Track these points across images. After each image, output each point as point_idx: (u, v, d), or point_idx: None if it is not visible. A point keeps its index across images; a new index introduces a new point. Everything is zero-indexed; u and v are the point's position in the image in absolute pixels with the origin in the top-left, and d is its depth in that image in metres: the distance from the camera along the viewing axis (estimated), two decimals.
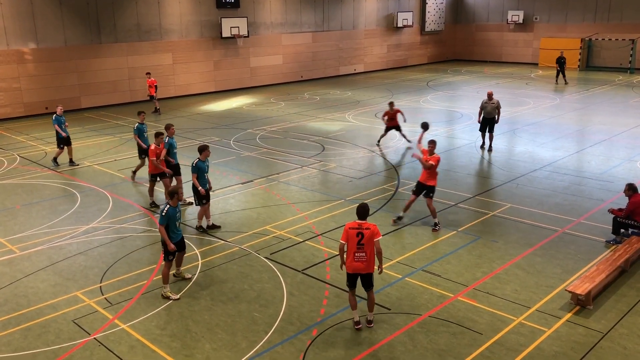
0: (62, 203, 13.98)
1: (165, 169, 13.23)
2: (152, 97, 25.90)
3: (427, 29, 44.36)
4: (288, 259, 10.65)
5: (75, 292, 9.56)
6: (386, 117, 18.78)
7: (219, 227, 12.19)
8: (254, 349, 7.87)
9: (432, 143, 12.12)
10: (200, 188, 11.63)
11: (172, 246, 9.13)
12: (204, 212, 12.02)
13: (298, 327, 8.41)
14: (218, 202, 13.74)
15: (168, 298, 9.22)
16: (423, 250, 11.00)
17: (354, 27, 39.07)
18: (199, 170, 11.72)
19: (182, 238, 9.63)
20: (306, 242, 11.41)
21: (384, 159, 17.54)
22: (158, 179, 13.42)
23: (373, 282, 8.22)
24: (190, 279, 9.93)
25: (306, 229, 12.08)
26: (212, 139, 20.50)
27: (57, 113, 17.11)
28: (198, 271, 10.25)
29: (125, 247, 11.38)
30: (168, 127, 13.67)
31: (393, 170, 16.47)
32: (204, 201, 11.82)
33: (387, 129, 18.95)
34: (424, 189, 12.04)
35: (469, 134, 20.64)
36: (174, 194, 9.26)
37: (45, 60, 25.63)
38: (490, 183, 15.22)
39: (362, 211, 8.17)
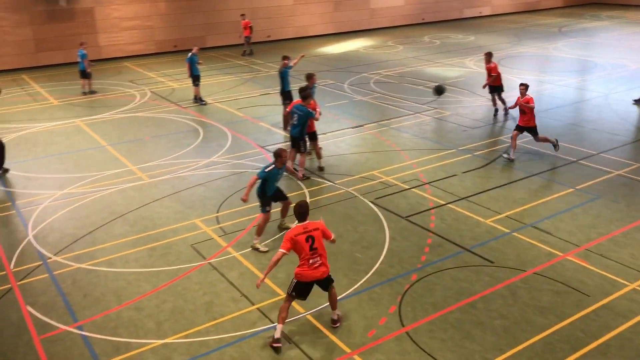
0: (186, 137, 14.97)
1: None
2: (247, 39, 26.16)
3: None
4: (393, 205, 10.73)
5: (194, 219, 10.37)
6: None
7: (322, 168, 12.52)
8: (354, 287, 8.17)
9: (523, 85, 12.63)
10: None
11: (246, 197, 8.93)
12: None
13: (398, 270, 8.56)
14: (329, 145, 14.01)
15: (257, 250, 9.22)
16: (535, 206, 10.58)
17: None
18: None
19: (280, 190, 9.63)
20: (412, 189, 11.40)
21: (505, 109, 16.72)
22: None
23: (332, 278, 7.22)
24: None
25: (413, 177, 12.04)
26: (327, 82, 20.68)
27: (193, 52, 18.04)
28: None
29: (241, 181, 12.04)
30: (310, 77, 13.27)
31: (512, 121, 15.73)
32: (302, 149, 12.14)
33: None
34: (526, 131, 12.81)
35: (601, 86, 19.07)
36: (278, 156, 9.14)
37: (175, 0, 26.88)
38: (619, 140, 14.09)
39: (302, 211, 7.11)
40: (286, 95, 15.03)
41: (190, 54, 18.00)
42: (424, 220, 10.12)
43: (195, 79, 18.11)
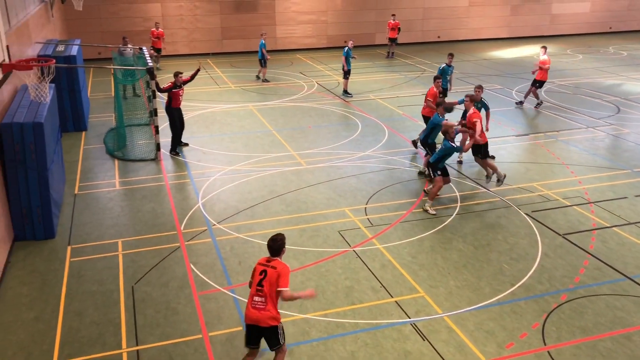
0: (345, 129, 15.48)
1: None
2: (393, 40, 25.56)
3: None
4: (550, 220, 10.17)
5: (344, 207, 10.74)
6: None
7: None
8: (497, 297, 7.93)
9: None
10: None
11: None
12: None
13: (547, 288, 8.14)
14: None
15: (427, 211, 10.43)
16: None
17: None
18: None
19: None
20: (574, 207, 10.69)
21: None
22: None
23: (280, 339, 6.00)
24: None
25: (577, 194, 11.27)
26: (494, 86, 19.99)
27: (349, 46, 18.62)
28: (455, 213, 10.52)
29: (392, 177, 12.20)
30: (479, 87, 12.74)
31: None
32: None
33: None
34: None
35: None
36: (446, 133, 10.53)
37: None
38: None
39: (272, 245, 6.02)
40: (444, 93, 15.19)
41: (346, 48, 18.57)
42: (583, 241, 9.46)
43: (346, 72, 18.65)
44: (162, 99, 18.24)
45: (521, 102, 17.44)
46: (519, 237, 9.62)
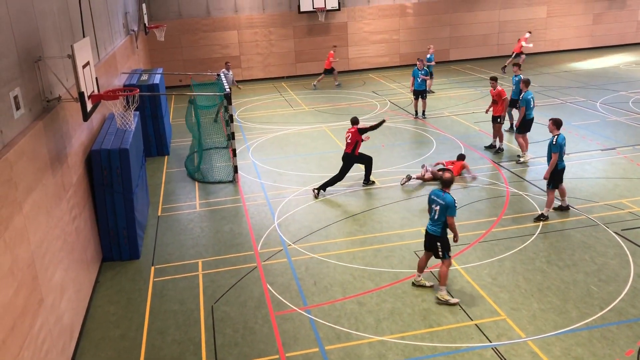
0: (419, 147, 15.28)
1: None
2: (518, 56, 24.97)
3: None
4: None
5: (420, 227, 10.55)
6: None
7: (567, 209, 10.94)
8: (585, 321, 7.49)
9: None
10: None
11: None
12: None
13: None
14: (572, 167, 12.98)
15: (422, 285, 8.58)
16: None
17: None
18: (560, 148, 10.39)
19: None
20: None
21: None
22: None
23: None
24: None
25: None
26: (576, 99, 19.14)
27: (418, 66, 18.17)
28: (538, 231, 10.07)
29: (470, 196, 11.88)
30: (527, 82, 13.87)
31: None
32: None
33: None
34: None
35: None
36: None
37: (423, 14, 27.54)
38: None
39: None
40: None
41: (416, 68, 18.06)
42: None
43: (419, 93, 18.05)
44: (239, 122, 18.79)
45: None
46: (608, 257, 9.07)
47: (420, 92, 18.07)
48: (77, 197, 8.65)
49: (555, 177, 10.43)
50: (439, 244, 8.19)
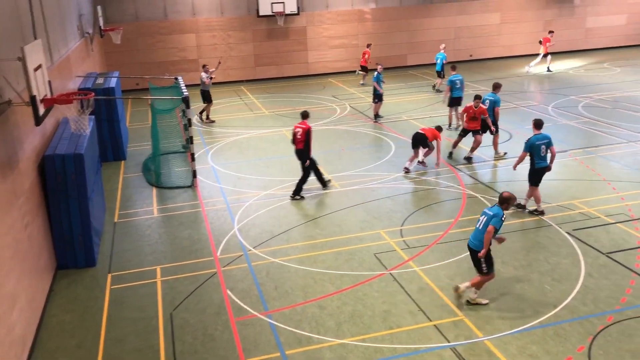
0: (378, 151, 15.45)
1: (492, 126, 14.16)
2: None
3: None
4: (593, 239, 9.87)
5: (379, 230, 10.67)
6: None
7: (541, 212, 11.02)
8: (539, 319, 7.71)
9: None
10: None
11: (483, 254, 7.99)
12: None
13: (592, 309, 7.87)
14: (526, 170, 13.34)
15: (477, 304, 8.20)
16: None
17: None
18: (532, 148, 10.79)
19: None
20: (617, 224, 10.36)
21: None
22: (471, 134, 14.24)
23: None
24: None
25: (620, 211, 10.93)
26: (529, 103, 19.71)
27: (378, 71, 18.49)
28: None
29: (428, 198, 12.08)
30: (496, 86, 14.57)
31: None
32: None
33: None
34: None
35: None
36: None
37: (381, 19, 27.87)
38: None
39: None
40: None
41: (376, 72, 18.39)
42: (628, 259, 9.15)
43: (378, 97, 18.36)
44: (198, 126, 18.60)
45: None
46: (561, 257, 9.37)
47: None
48: (29, 204, 8.40)
49: (534, 176, 10.90)
50: (482, 259, 7.91)
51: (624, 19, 31.08)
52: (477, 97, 14.05)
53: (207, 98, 19.27)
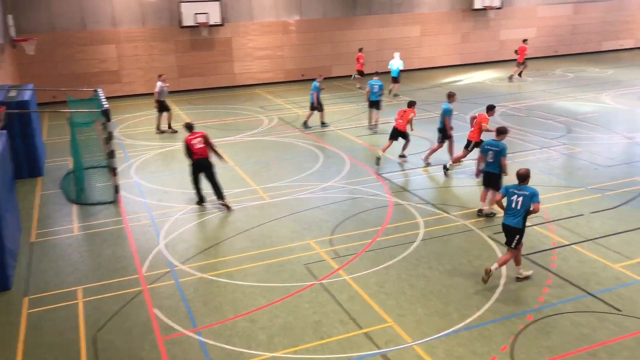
0: (307, 161, 15.53)
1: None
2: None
3: None
4: None
5: (309, 240, 10.70)
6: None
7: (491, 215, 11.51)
8: (465, 322, 7.96)
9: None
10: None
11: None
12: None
13: (513, 309, 8.22)
14: (447, 176, 13.82)
15: (525, 278, 9.06)
16: None
17: None
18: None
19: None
20: (534, 227, 10.90)
21: None
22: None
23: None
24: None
25: (536, 214, 11.48)
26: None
27: (317, 80, 18.83)
28: (420, 238, 10.59)
29: (356, 206, 12.25)
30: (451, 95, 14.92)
31: None
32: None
33: None
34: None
35: None
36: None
37: (305, 31, 28.16)
38: None
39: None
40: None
41: (315, 82, 18.76)
42: (545, 260, 9.64)
43: (319, 106, 18.85)
44: (120, 139, 18.00)
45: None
46: (483, 260, 9.73)
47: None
48: None
49: (483, 178, 11.50)
50: (518, 236, 8.73)
51: (534, 32, 32.96)
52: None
53: (163, 108, 18.95)
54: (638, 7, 35.01)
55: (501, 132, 11.40)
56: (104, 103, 13.43)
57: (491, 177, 11.28)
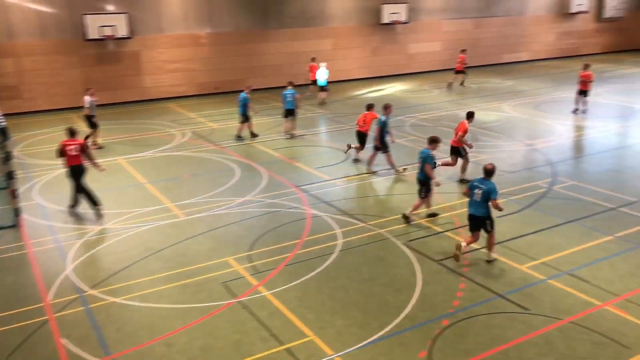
0: (223, 176, 15.27)
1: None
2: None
3: (605, 16, 40.51)
4: (426, 248, 10.65)
5: (227, 257, 10.49)
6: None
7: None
8: (384, 330, 8.07)
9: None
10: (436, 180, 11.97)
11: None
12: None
13: (429, 315, 8.44)
14: (364, 186, 14.06)
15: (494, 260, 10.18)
16: (572, 253, 10.33)
17: (520, 14, 36.99)
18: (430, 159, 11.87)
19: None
20: (446, 233, 11.30)
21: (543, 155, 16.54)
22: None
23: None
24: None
25: (447, 220, 11.94)
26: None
27: (245, 92, 18.96)
28: (338, 250, 10.66)
29: (274, 220, 12.17)
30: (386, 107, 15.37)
31: (550, 167, 15.52)
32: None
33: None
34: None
35: None
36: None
37: (218, 44, 27.84)
38: None
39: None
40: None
41: (242, 94, 18.89)
42: (457, 264, 9.99)
43: (288, 112, 19.29)
44: (20, 159, 16.88)
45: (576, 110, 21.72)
46: (399, 268, 9.94)
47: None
48: None
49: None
50: (488, 221, 9.82)
51: (439, 45, 34.45)
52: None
53: (93, 124, 18.21)
54: (531, 22, 37.52)
55: (433, 140, 12.13)
56: (0, 120, 12.57)
57: (478, 220, 10.05)
